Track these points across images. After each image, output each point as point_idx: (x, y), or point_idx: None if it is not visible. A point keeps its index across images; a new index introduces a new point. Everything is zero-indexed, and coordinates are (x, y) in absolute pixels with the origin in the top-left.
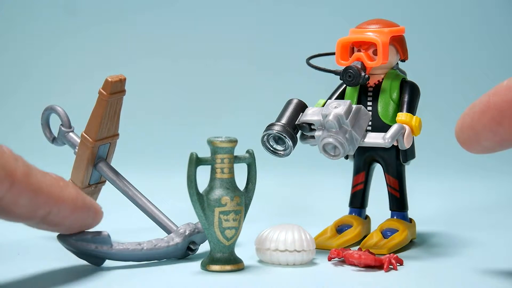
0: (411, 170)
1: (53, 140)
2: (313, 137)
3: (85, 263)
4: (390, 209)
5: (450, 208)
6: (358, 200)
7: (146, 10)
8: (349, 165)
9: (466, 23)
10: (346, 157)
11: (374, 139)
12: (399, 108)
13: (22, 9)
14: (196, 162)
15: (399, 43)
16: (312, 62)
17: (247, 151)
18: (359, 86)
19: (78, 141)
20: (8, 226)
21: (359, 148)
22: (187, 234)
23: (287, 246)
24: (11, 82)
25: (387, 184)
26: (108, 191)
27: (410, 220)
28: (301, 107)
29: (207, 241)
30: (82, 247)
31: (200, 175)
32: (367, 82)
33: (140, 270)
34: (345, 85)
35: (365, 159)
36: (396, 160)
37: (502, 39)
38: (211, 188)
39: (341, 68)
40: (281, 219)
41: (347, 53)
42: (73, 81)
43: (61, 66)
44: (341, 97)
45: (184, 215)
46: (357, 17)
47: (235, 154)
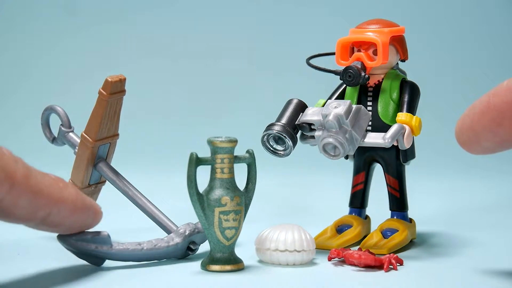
0: (411, 170)
1: (53, 140)
2: (313, 137)
3: (85, 263)
4: (390, 209)
5: (450, 208)
6: (358, 200)
7: (146, 10)
8: (349, 165)
9: (466, 23)
10: (346, 157)
11: (374, 139)
12: (399, 108)
13: (22, 9)
14: (196, 162)
15: (399, 43)
16: (312, 62)
17: (247, 151)
18: (359, 86)
19: (78, 141)
20: (8, 226)
21: (359, 148)
22: (187, 234)
23: (287, 246)
24: (11, 82)
25: (387, 184)
26: (108, 191)
27: (410, 220)
28: (301, 107)
29: (207, 241)
30: (82, 247)
31: (200, 175)
32: (367, 82)
33: (140, 270)
34: (345, 85)
35: (365, 159)
36: (396, 160)
37: (502, 39)
38: (211, 188)
39: (341, 68)
40: (281, 219)
41: (347, 53)
42: (73, 81)
43: (61, 66)
44: (341, 97)
45: (184, 215)
46: (357, 17)
47: (235, 154)
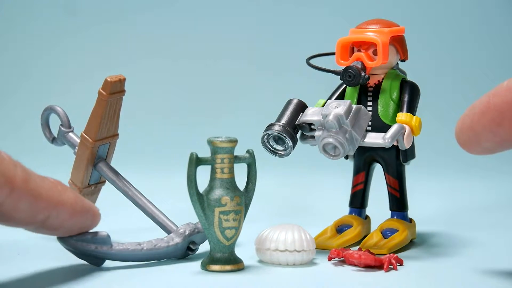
0: (411, 170)
1: (53, 140)
2: (313, 137)
3: (84, 263)
4: (390, 209)
5: (450, 208)
6: (358, 200)
7: (146, 10)
8: (349, 165)
9: (466, 23)
10: (346, 157)
11: (374, 139)
12: (399, 108)
13: (22, 9)
14: (196, 162)
15: (399, 43)
16: (312, 62)
17: (247, 151)
18: (359, 86)
19: (78, 141)
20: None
21: (359, 148)
22: (187, 234)
23: (287, 246)
24: (11, 82)
25: (387, 184)
26: (108, 191)
27: (410, 220)
28: (301, 107)
29: (207, 241)
30: (82, 247)
31: (200, 175)
32: (367, 82)
33: (140, 270)
34: (345, 85)
35: (365, 159)
36: (396, 160)
37: (502, 39)
38: (211, 188)
39: (341, 68)
40: (281, 219)
41: (347, 53)
42: (73, 81)
43: (61, 66)
44: (341, 97)
45: (184, 215)
46: (357, 17)
47: (235, 154)
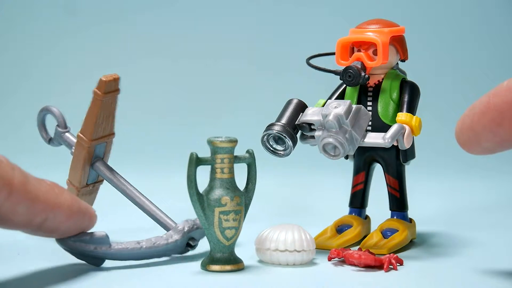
0: (411, 170)
1: (50, 141)
2: (313, 137)
3: (84, 263)
4: (390, 209)
5: (450, 208)
6: (358, 200)
7: (146, 10)
8: (349, 165)
9: (466, 23)
10: (346, 157)
11: (374, 139)
12: (399, 108)
13: (22, 9)
14: (196, 162)
15: (399, 43)
16: (312, 62)
17: (247, 151)
18: (359, 86)
19: (75, 141)
20: None
21: (359, 148)
22: (185, 230)
23: (287, 246)
24: (11, 82)
25: (387, 184)
26: (106, 191)
27: (410, 220)
28: (301, 107)
29: (207, 240)
30: (81, 248)
31: (200, 175)
32: (367, 82)
33: (140, 270)
34: (345, 85)
35: (365, 159)
36: (396, 160)
37: (502, 39)
38: (211, 188)
39: (341, 68)
40: (281, 219)
41: (347, 53)
42: (73, 81)
43: (61, 66)
44: (341, 97)
45: (184, 214)
46: (357, 17)
47: (235, 154)
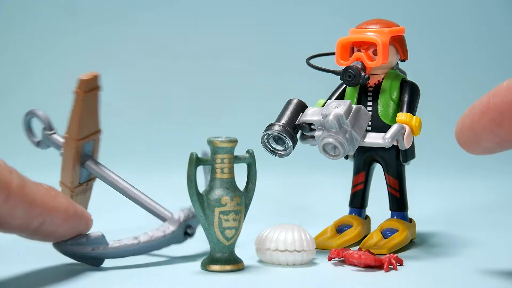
0: (411, 170)
1: (38, 144)
2: (313, 137)
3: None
4: (390, 209)
5: (450, 208)
6: (358, 200)
7: (146, 10)
8: (349, 165)
9: (466, 23)
10: (346, 157)
11: (374, 139)
12: (399, 108)
13: (22, 9)
14: (196, 162)
15: (399, 43)
16: (312, 62)
17: (247, 151)
18: (359, 86)
19: (62, 142)
20: None
21: (359, 148)
22: (182, 220)
23: (287, 246)
24: (11, 82)
25: (387, 184)
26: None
27: (410, 220)
28: (301, 107)
29: (207, 240)
30: (79, 251)
31: (200, 175)
32: (367, 82)
33: (140, 270)
34: (345, 85)
35: (365, 159)
36: (396, 160)
37: (502, 39)
38: (211, 188)
39: (341, 68)
40: (281, 219)
41: (347, 53)
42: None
43: (61, 66)
44: (341, 97)
45: None
46: (357, 17)
47: (235, 154)
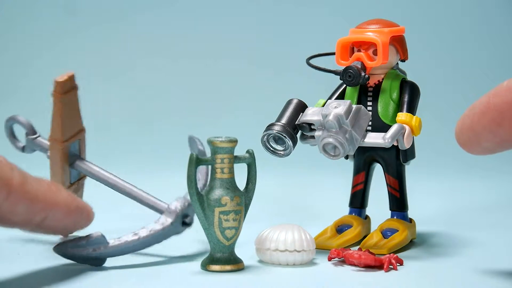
0: (411, 170)
1: (23, 149)
2: (313, 137)
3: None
4: (390, 209)
5: (450, 208)
6: (358, 200)
7: (146, 10)
8: (349, 165)
9: (466, 23)
10: (346, 157)
11: (374, 139)
12: (399, 108)
13: (22, 9)
14: (196, 162)
15: (399, 43)
16: (312, 62)
17: (247, 151)
18: (359, 86)
19: (48, 144)
20: None
21: (359, 148)
22: (178, 210)
23: (287, 246)
24: (11, 82)
25: (387, 184)
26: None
27: (410, 220)
28: (301, 107)
29: (207, 240)
30: (80, 253)
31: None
32: (367, 82)
33: (140, 270)
34: (345, 85)
35: (365, 159)
36: (396, 160)
37: (502, 39)
38: (211, 188)
39: (341, 68)
40: (281, 219)
41: (347, 53)
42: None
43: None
44: (341, 97)
45: None
46: (357, 17)
47: (235, 154)
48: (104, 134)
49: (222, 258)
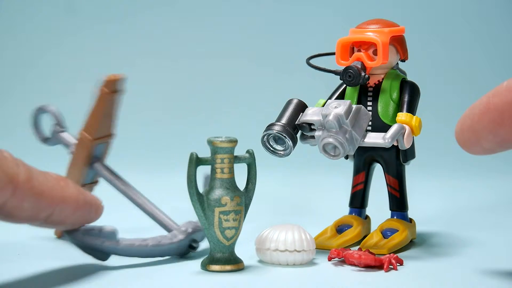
0: (411, 170)
1: (45, 140)
2: (313, 137)
3: (85, 263)
4: (390, 209)
5: (450, 208)
6: (358, 200)
7: (146, 10)
8: (349, 165)
9: (466, 23)
10: (346, 157)
11: (374, 139)
12: (399, 108)
13: (22, 9)
14: (196, 162)
15: (399, 43)
16: (312, 62)
17: (247, 151)
18: (359, 86)
19: (73, 140)
20: (8, 226)
21: (359, 148)
22: (189, 231)
23: (287, 246)
24: (11, 82)
25: (387, 184)
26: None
27: (410, 220)
28: (301, 107)
29: (207, 240)
30: (90, 241)
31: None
32: (367, 82)
33: (140, 270)
34: (345, 85)
35: (365, 159)
36: (396, 160)
37: (502, 39)
38: (211, 188)
39: (341, 68)
40: (281, 219)
41: (347, 53)
42: (73, 81)
43: (61, 66)
44: (341, 97)
45: (184, 215)
46: (357, 17)
47: (235, 154)
48: None
49: (222, 258)
